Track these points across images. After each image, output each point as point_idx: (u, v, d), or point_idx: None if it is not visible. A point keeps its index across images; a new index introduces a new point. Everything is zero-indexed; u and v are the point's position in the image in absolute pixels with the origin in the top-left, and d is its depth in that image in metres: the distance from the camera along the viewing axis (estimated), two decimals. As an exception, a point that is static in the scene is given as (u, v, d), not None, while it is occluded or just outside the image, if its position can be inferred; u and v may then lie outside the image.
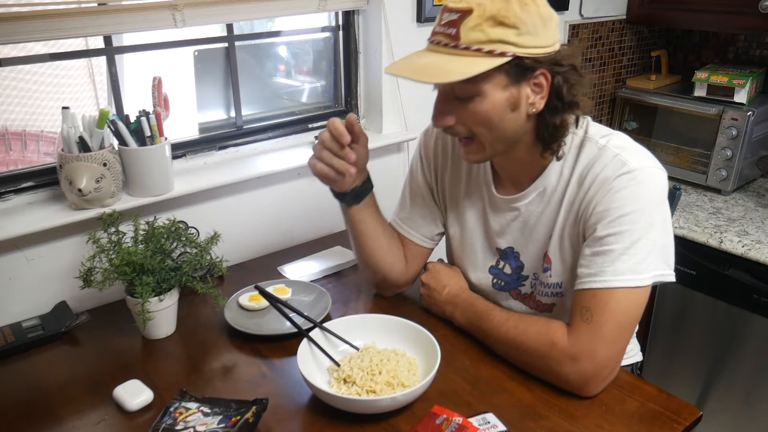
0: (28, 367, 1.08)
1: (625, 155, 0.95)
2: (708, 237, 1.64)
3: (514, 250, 1.11)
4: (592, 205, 0.96)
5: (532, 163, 1.03)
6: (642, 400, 0.95)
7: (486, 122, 0.93)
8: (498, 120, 0.93)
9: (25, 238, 1.19)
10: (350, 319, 1.08)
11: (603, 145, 0.98)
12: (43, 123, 1.74)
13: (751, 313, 1.65)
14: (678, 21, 2.02)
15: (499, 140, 0.96)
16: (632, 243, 0.91)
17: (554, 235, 1.03)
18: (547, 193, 1.04)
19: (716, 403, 1.79)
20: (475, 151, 0.99)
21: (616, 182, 0.93)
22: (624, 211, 0.92)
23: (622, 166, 0.94)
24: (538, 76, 0.91)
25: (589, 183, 0.97)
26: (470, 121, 0.94)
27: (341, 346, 1.04)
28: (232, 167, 1.46)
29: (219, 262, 1.17)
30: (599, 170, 0.96)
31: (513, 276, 1.13)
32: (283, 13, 1.48)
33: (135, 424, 0.93)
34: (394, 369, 0.96)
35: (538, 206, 1.05)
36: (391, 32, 1.58)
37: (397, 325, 1.06)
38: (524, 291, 1.13)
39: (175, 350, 1.12)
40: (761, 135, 1.87)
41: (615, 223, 0.92)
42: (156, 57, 1.41)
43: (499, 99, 0.91)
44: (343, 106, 1.75)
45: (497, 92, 0.91)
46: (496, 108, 0.92)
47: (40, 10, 1.13)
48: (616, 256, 0.91)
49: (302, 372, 0.92)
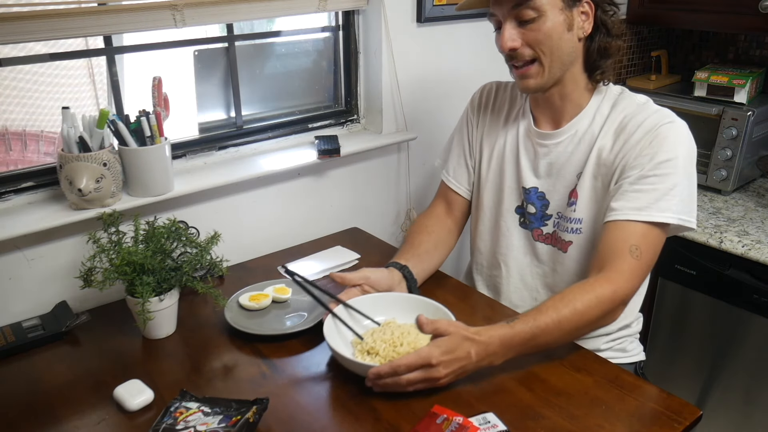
0: (28, 367, 1.08)
1: (665, 111, 1.09)
2: (708, 237, 1.64)
3: (538, 190, 1.22)
4: (639, 146, 1.06)
5: (572, 98, 1.15)
6: (642, 399, 0.95)
7: (547, 40, 1.06)
8: (558, 38, 1.07)
9: (25, 238, 1.19)
10: (371, 297, 1.14)
11: (644, 102, 1.12)
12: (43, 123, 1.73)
13: (751, 313, 1.65)
14: (678, 21, 2.02)
15: (557, 62, 1.09)
16: (674, 185, 1.04)
17: (585, 174, 1.14)
18: (578, 135, 1.16)
19: (716, 403, 1.79)
20: (535, 73, 1.10)
21: (663, 129, 1.06)
22: (669, 156, 1.04)
23: (666, 117, 1.07)
24: (584, 4, 1.07)
25: (633, 128, 1.08)
26: (534, 41, 1.07)
27: (363, 321, 1.11)
28: (232, 167, 1.46)
29: (219, 262, 1.17)
30: (643, 119, 1.08)
31: (537, 215, 1.23)
32: (283, 13, 1.48)
33: (135, 423, 0.93)
34: (415, 341, 1.01)
35: (569, 146, 1.17)
36: (391, 32, 1.58)
37: (415, 302, 1.13)
38: (546, 231, 1.23)
39: (176, 350, 1.12)
40: (761, 135, 1.87)
41: (661, 166, 1.04)
42: (156, 57, 1.41)
43: (558, 19, 1.06)
44: (343, 106, 1.75)
45: (556, 12, 1.06)
46: (555, 27, 1.06)
47: (40, 10, 1.13)
48: (660, 195, 1.04)
49: (330, 345, 0.99)
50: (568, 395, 0.95)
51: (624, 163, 1.08)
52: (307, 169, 1.58)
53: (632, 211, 1.05)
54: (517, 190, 1.26)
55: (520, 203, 1.26)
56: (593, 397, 0.95)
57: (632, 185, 1.06)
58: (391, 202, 1.80)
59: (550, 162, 1.19)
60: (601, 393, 0.96)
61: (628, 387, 0.97)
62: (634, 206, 1.05)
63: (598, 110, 1.15)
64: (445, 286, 1.31)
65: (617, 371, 1.02)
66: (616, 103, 1.14)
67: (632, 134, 1.08)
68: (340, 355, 0.98)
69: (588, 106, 1.16)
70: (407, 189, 1.81)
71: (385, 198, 1.78)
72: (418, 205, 1.83)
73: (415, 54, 1.66)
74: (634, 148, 1.07)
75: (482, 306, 1.23)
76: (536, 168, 1.22)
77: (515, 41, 1.08)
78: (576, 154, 1.16)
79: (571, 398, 0.95)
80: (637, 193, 1.05)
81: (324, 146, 1.54)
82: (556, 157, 1.19)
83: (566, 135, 1.17)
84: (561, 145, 1.18)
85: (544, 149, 1.20)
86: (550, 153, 1.19)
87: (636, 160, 1.07)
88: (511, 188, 1.26)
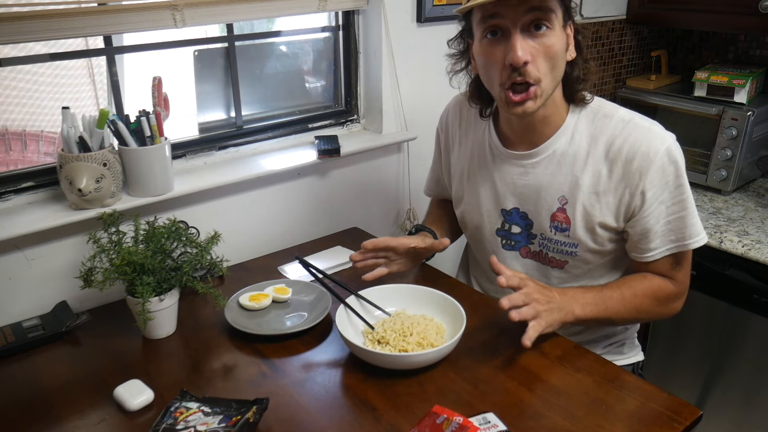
0: (28, 367, 1.08)
1: (656, 128, 1.06)
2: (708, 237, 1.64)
3: (519, 210, 1.18)
4: (644, 180, 1.04)
5: (553, 119, 1.09)
6: (642, 399, 0.95)
7: (556, 56, 0.99)
8: (560, 56, 1.00)
9: (25, 238, 1.19)
10: (382, 288, 1.17)
11: (629, 119, 1.06)
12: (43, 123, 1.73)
13: (751, 313, 1.65)
14: (678, 21, 2.02)
15: (552, 84, 1.01)
16: (691, 207, 1.07)
17: (578, 200, 1.10)
18: (557, 155, 1.10)
19: (716, 403, 1.79)
20: (534, 95, 0.99)
21: (665, 157, 1.03)
22: (678, 181, 1.05)
23: (660, 139, 1.04)
24: (570, 24, 1.02)
25: (630, 155, 1.04)
26: (546, 56, 0.97)
27: (374, 311, 1.14)
28: (232, 167, 1.46)
29: (219, 262, 1.17)
30: (638, 144, 1.04)
31: (522, 234, 1.20)
32: (283, 13, 1.48)
33: (135, 423, 0.93)
34: (424, 331, 1.04)
35: (548, 167, 1.12)
36: (391, 32, 1.58)
37: (425, 293, 1.15)
38: (533, 249, 1.20)
39: (176, 350, 1.12)
40: (761, 135, 1.87)
41: (676, 195, 1.05)
42: (156, 57, 1.41)
43: (561, 35, 0.99)
44: (343, 106, 1.75)
45: (560, 29, 0.99)
46: (560, 42, 0.99)
47: (40, 10, 1.13)
48: (687, 223, 1.07)
49: (342, 334, 1.02)
50: (568, 395, 0.95)
51: (629, 197, 1.06)
52: (307, 169, 1.58)
53: (670, 248, 1.09)
54: (496, 212, 1.21)
55: (500, 225, 1.21)
56: (593, 397, 0.95)
57: (660, 221, 1.07)
58: (391, 202, 1.80)
59: (529, 183, 1.14)
60: (601, 393, 0.96)
61: (628, 387, 0.97)
62: (669, 240, 1.08)
63: (575, 129, 1.09)
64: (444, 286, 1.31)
65: (617, 371, 1.02)
66: (595, 120, 1.08)
67: (631, 162, 1.03)
68: (355, 346, 1.00)
69: (564, 125, 1.09)
70: (407, 189, 1.81)
71: (385, 198, 1.78)
72: (418, 205, 1.83)
73: (415, 54, 1.66)
74: (641, 180, 1.04)
75: (482, 306, 1.23)
76: (515, 189, 1.16)
77: (527, 55, 0.95)
78: (557, 176, 1.10)
79: (571, 398, 0.95)
80: (666, 227, 1.07)
81: (324, 146, 1.54)
82: (534, 178, 1.13)
83: (543, 155, 1.11)
84: (539, 166, 1.12)
85: (521, 170, 1.14)
86: (528, 174, 1.13)
87: (651, 194, 1.04)
88: (490, 211, 1.21)
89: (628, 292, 1.10)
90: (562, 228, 1.13)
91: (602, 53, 2.18)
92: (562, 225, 1.13)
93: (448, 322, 1.10)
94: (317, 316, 1.16)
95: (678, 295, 1.14)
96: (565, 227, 1.12)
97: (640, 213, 1.06)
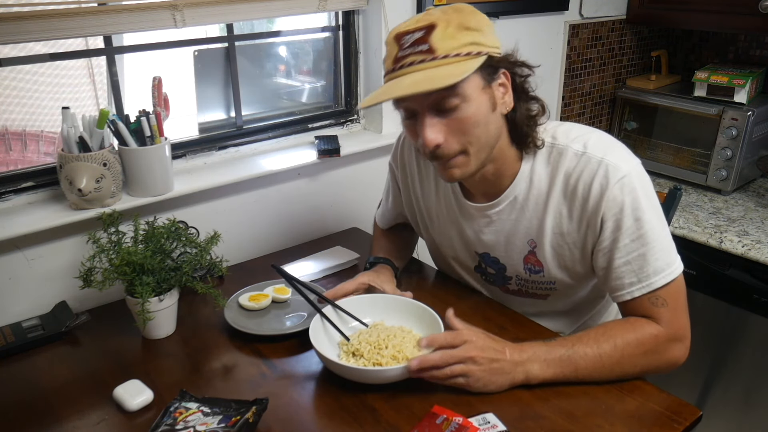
0: (28, 367, 1.08)
1: (609, 159, 0.97)
2: (708, 237, 1.64)
3: (490, 255, 1.15)
4: (599, 216, 0.98)
5: (505, 170, 1.05)
6: (642, 399, 0.95)
7: (475, 126, 0.94)
8: (484, 123, 0.94)
9: (25, 238, 1.19)
10: (360, 299, 1.14)
11: (581, 152, 1.00)
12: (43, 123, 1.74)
13: (751, 313, 1.65)
14: (678, 21, 2.02)
15: (483, 148, 0.97)
16: (652, 240, 0.96)
17: (545, 243, 1.06)
18: (518, 201, 1.06)
19: (716, 403, 1.79)
20: (462, 164, 0.97)
21: (616, 190, 0.96)
22: (635, 215, 0.96)
23: (613, 171, 0.96)
24: (500, 75, 0.95)
25: (584, 191, 0.99)
26: (460, 130, 0.94)
27: (351, 322, 1.10)
28: (232, 167, 1.46)
29: (219, 262, 1.17)
30: (590, 178, 0.98)
31: (497, 275, 1.18)
32: (283, 13, 1.48)
33: (135, 423, 0.93)
34: (400, 344, 1.01)
35: (511, 214, 1.08)
36: (391, 32, 1.58)
37: (404, 304, 1.12)
38: (512, 288, 1.18)
39: (175, 350, 1.12)
40: (761, 135, 1.87)
41: (632, 231, 0.97)
42: (156, 57, 1.41)
43: (482, 101, 0.94)
44: (343, 106, 1.75)
45: (478, 94, 0.93)
46: (481, 110, 0.94)
47: (40, 10, 1.13)
48: (648, 260, 0.97)
49: (314, 345, 0.98)
50: (568, 395, 0.95)
51: (591, 234, 1.01)
52: (307, 169, 1.58)
53: (633, 288, 0.99)
54: (470, 253, 1.19)
55: (477, 264, 1.20)
56: (593, 397, 0.95)
57: (617, 260, 0.99)
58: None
59: (496, 230, 1.11)
60: (601, 393, 0.96)
61: (628, 387, 0.97)
62: (631, 281, 0.99)
63: (533, 171, 1.04)
64: (445, 285, 1.31)
65: (617, 371, 1.01)
66: (551, 158, 1.03)
67: (587, 200, 0.98)
68: (326, 359, 0.97)
69: (522, 170, 1.04)
70: (407, 189, 1.81)
71: (385, 198, 1.78)
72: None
73: (415, 54, 1.66)
74: (595, 217, 0.98)
75: (482, 306, 1.23)
76: (482, 237, 1.14)
77: (439, 136, 0.93)
78: (522, 221, 1.07)
79: (571, 398, 0.95)
80: (626, 267, 0.98)
81: (324, 146, 1.54)
82: (500, 226, 1.10)
83: (505, 203, 1.07)
84: (503, 213, 1.08)
85: (486, 219, 1.11)
86: (493, 222, 1.10)
87: (602, 231, 0.99)
88: (464, 252, 1.20)
89: (608, 345, 0.95)
90: (536, 270, 1.10)
91: (602, 53, 2.18)
92: (535, 267, 1.10)
93: (427, 334, 1.03)
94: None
95: (670, 338, 0.97)
96: (538, 269, 1.10)
97: (597, 248, 1.01)
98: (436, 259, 1.35)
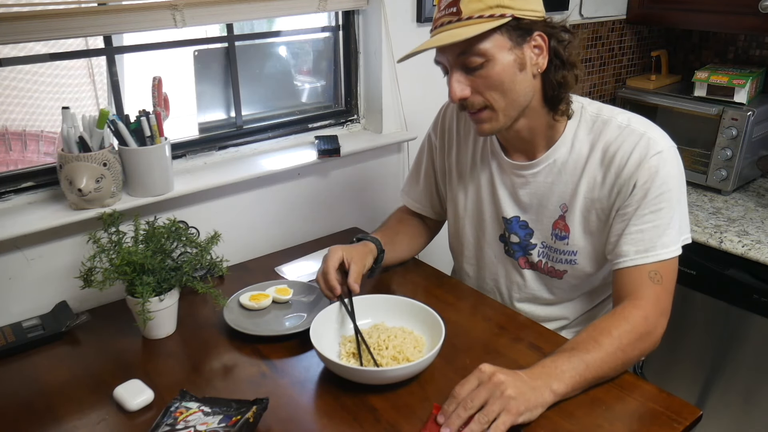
0: (28, 367, 1.08)
1: (651, 134, 1.04)
2: (708, 237, 1.64)
3: (519, 219, 1.18)
4: (631, 182, 1.03)
5: (541, 130, 1.10)
6: (642, 399, 0.95)
7: (499, 85, 1.00)
8: (509, 81, 1.00)
9: (25, 238, 1.19)
10: (362, 299, 1.13)
11: (626, 125, 1.06)
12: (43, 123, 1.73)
13: (751, 313, 1.65)
14: (678, 21, 2.02)
15: (511, 105, 1.03)
16: (670, 218, 1.02)
17: (576, 207, 1.10)
18: (557, 164, 1.11)
19: (716, 403, 1.79)
20: (488, 118, 1.04)
21: (653, 162, 1.02)
22: (662, 189, 1.02)
23: (653, 144, 1.02)
24: (536, 37, 1.00)
25: (622, 161, 1.04)
26: (484, 87, 1.01)
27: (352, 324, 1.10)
28: (232, 167, 1.46)
29: (219, 262, 1.17)
30: (630, 149, 1.03)
31: (521, 244, 1.20)
32: (283, 13, 1.48)
33: (135, 423, 0.93)
34: (401, 345, 1.02)
35: (548, 177, 1.13)
36: (391, 32, 1.58)
37: (405, 305, 1.12)
38: (531, 259, 1.20)
39: (176, 350, 1.12)
40: (761, 135, 1.87)
41: (655, 202, 1.02)
42: (156, 57, 1.41)
43: (507, 60, 0.99)
44: (343, 106, 1.75)
45: (504, 54, 0.99)
46: (506, 69, 0.99)
47: (40, 10, 1.13)
48: (661, 232, 1.02)
49: (315, 345, 0.98)
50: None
51: (622, 199, 1.05)
52: (307, 169, 1.58)
53: (638, 256, 1.03)
54: (497, 220, 1.22)
55: (503, 232, 1.22)
56: (593, 397, 0.95)
57: (632, 226, 1.03)
58: (390, 202, 1.80)
59: (530, 192, 1.15)
60: (601, 393, 0.96)
61: (628, 387, 0.97)
62: (638, 249, 1.03)
63: (575, 137, 1.09)
64: (445, 285, 1.31)
65: (617, 371, 1.01)
66: (594, 127, 1.08)
67: (623, 167, 1.04)
68: (328, 360, 0.97)
69: (564, 135, 1.10)
70: (407, 189, 1.81)
71: (385, 198, 1.78)
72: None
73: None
74: (627, 184, 1.03)
75: (482, 306, 1.23)
76: (516, 199, 1.18)
77: (464, 90, 1.01)
78: (558, 184, 1.12)
79: (571, 398, 0.95)
80: (639, 234, 1.03)
81: (324, 146, 1.54)
82: (536, 188, 1.14)
83: (543, 165, 1.12)
84: (540, 175, 1.13)
85: (522, 179, 1.15)
86: (529, 184, 1.15)
87: (630, 197, 1.03)
88: (492, 218, 1.23)
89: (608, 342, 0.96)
90: (562, 236, 1.13)
91: (602, 53, 2.18)
92: (562, 233, 1.13)
93: (428, 335, 1.06)
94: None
95: (658, 314, 1.01)
96: (564, 235, 1.13)
97: (620, 212, 1.05)
98: (455, 237, 1.33)
